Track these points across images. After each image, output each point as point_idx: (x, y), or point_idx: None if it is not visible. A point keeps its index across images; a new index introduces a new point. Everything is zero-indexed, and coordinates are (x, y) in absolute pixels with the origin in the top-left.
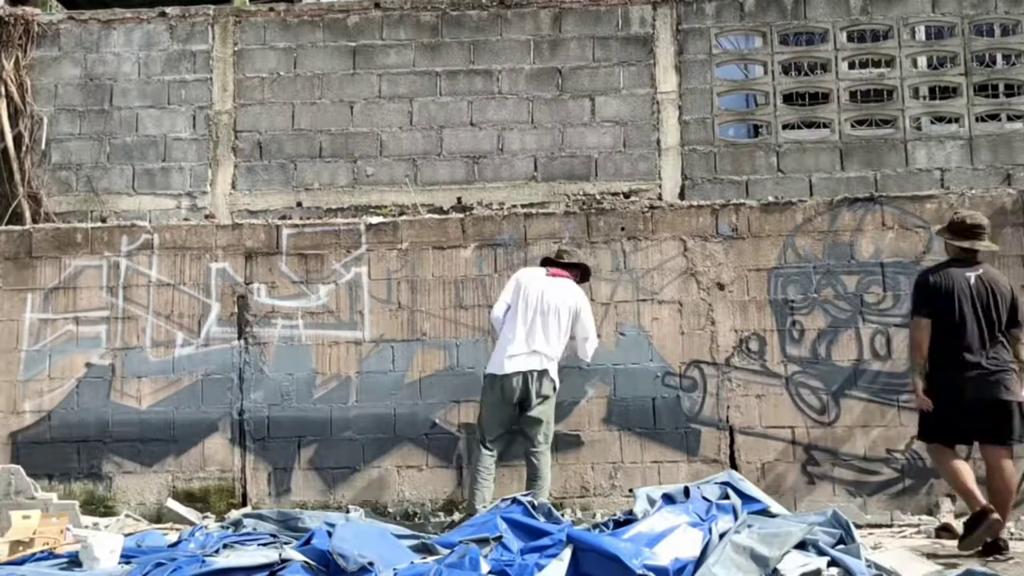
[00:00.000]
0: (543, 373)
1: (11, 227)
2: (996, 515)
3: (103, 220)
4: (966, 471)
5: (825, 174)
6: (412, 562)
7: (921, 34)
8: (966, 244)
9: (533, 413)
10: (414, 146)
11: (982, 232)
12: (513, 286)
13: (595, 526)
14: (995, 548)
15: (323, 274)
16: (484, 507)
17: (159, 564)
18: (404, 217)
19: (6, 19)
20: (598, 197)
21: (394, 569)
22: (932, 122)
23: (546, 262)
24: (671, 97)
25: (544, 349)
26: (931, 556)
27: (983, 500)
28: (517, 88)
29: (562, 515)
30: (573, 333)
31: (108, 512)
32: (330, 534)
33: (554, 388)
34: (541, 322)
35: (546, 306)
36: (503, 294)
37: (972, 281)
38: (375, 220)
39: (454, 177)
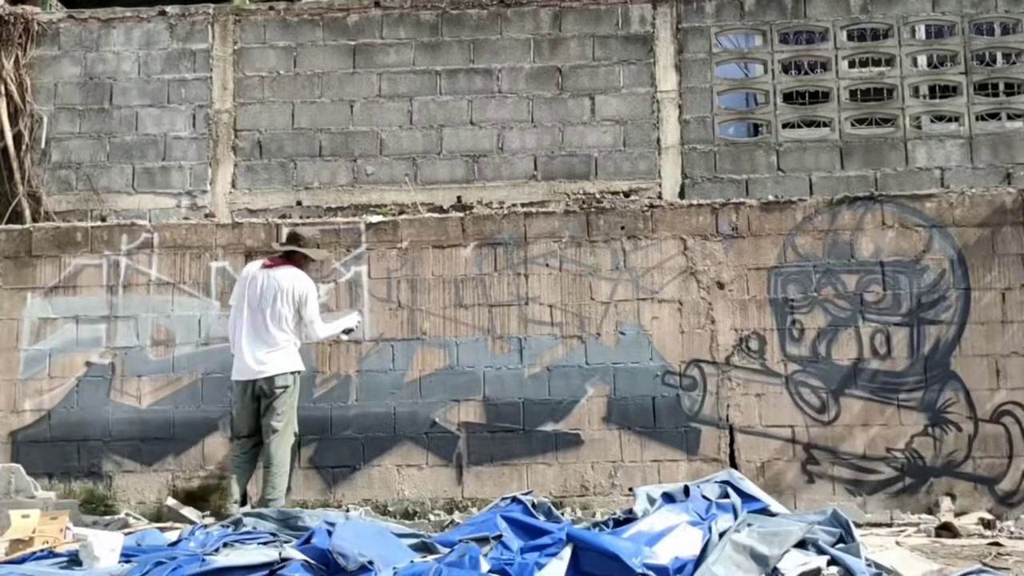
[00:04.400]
0: None
1: (11, 226)
2: None
3: (103, 219)
4: None
5: (825, 173)
6: (412, 561)
7: (921, 33)
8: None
9: None
10: (414, 145)
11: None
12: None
13: (595, 525)
14: None
15: (323, 273)
16: None
17: (159, 563)
18: (404, 216)
19: (6, 18)
20: (598, 196)
21: (394, 568)
22: (932, 121)
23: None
24: (671, 96)
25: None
26: (931, 555)
27: None
28: (517, 87)
29: (562, 514)
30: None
31: (108, 511)
32: (330, 533)
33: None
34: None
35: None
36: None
37: None
38: (375, 219)
39: (454, 176)
